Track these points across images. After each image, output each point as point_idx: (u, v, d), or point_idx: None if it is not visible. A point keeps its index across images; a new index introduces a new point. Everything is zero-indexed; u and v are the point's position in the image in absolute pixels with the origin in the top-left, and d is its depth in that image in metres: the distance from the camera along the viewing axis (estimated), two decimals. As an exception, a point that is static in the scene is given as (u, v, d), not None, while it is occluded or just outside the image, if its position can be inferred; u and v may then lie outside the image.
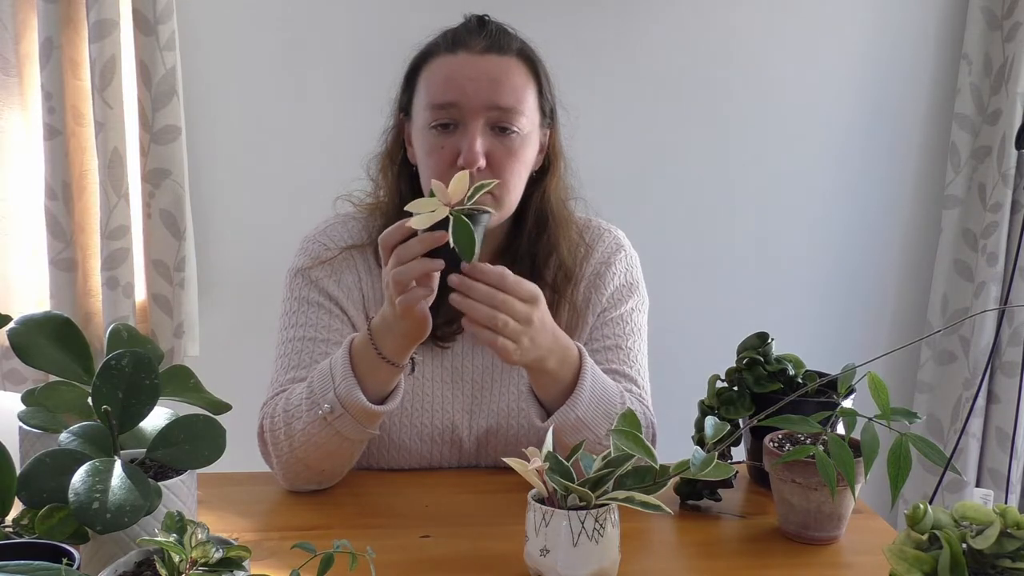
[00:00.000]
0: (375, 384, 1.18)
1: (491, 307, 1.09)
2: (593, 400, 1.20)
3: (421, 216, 1.05)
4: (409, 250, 1.08)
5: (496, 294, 1.09)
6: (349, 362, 1.18)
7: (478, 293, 1.08)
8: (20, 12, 2.02)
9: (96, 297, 2.11)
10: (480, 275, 1.08)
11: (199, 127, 2.14)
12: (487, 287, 1.09)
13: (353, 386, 1.16)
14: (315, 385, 1.20)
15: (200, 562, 0.78)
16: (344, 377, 1.17)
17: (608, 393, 1.23)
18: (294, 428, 1.21)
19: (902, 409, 0.99)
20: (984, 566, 0.82)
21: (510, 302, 1.10)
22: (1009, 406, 2.34)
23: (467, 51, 1.26)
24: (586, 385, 1.20)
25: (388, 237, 1.11)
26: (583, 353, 1.22)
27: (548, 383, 1.20)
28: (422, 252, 1.07)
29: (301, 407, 1.20)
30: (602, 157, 2.20)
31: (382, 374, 1.18)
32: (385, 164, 1.37)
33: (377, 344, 1.16)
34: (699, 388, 1.27)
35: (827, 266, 2.42)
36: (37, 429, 1.03)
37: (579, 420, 1.19)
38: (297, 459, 1.21)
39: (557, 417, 1.18)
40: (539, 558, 0.97)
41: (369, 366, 1.17)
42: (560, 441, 1.21)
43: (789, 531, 1.13)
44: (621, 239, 1.44)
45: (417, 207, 1.05)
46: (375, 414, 1.18)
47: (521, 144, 1.27)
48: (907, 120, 2.38)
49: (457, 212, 1.04)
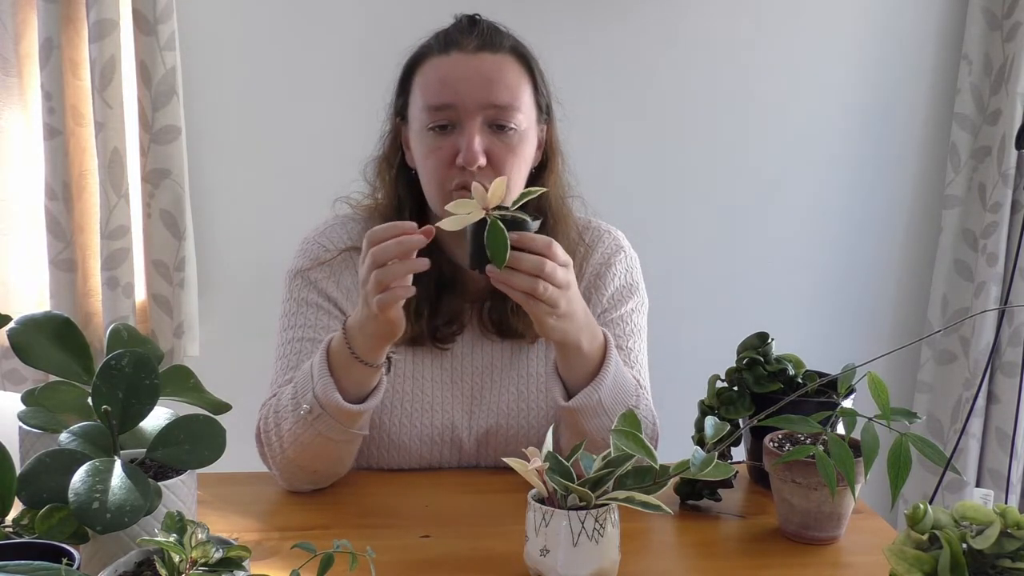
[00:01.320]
0: (353, 384, 1.18)
1: (535, 276, 1.08)
2: (615, 386, 1.22)
3: (452, 218, 1.04)
4: (386, 252, 1.08)
5: (544, 263, 1.08)
6: (326, 362, 1.18)
7: (526, 263, 1.07)
8: (20, 12, 2.02)
9: (96, 297, 2.11)
10: (529, 243, 1.07)
11: (199, 127, 2.14)
12: (536, 257, 1.08)
13: (329, 386, 1.17)
14: (298, 386, 1.21)
15: (200, 562, 0.78)
16: (321, 377, 1.17)
17: (627, 382, 1.25)
18: (282, 429, 1.21)
19: (902, 409, 0.99)
20: (984, 566, 0.82)
21: (553, 268, 1.09)
22: (1009, 406, 2.34)
23: (460, 51, 1.26)
24: (611, 369, 1.21)
25: (376, 234, 1.10)
26: (608, 338, 1.23)
27: (578, 363, 1.20)
28: (397, 255, 1.07)
29: (287, 408, 1.21)
30: (602, 157, 2.21)
31: (357, 374, 1.18)
32: (383, 168, 1.37)
33: (351, 344, 1.16)
34: (699, 388, 1.27)
35: (827, 266, 2.42)
36: (37, 429, 1.03)
37: (600, 403, 1.20)
38: (288, 460, 1.22)
39: (582, 397, 1.20)
40: (539, 558, 0.97)
41: (345, 366, 1.17)
42: (575, 425, 1.22)
43: (789, 531, 1.13)
44: (621, 240, 1.44)
45: (456, 208, 1.04)
46: (353, 413, 1.18)
47: (519, 140, 1.27)
48: (907, 120, 2.38)
49: (494, 216, 1.04)
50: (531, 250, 1.08)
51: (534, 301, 1.10)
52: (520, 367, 1.36)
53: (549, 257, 1.09)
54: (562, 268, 1.10)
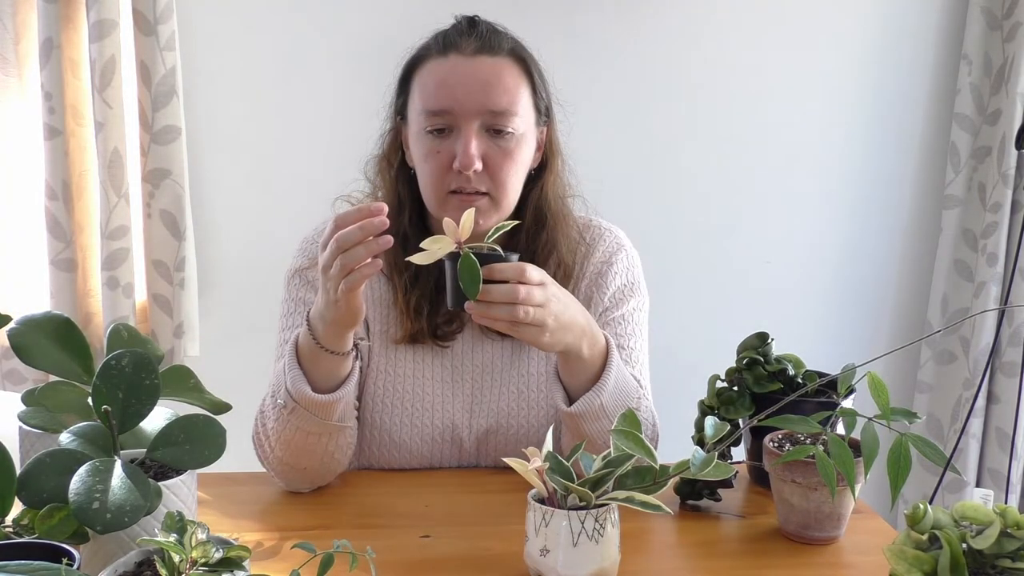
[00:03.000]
0: (323, 374, 1.19)
1: (511, 303, 1.08)
2: (616, 390, 1.22)
3: (424, 253, 1.04)
4: (349, 238, 1.07)
5: (517, 289, 1.07)
6: (295, 355, 1.19)
7: (498, 293, 1.07)
8: (20, 12, 2.02)
9: (96, 297, 2.11)
10: (499, 274, 1.07)
11: (199, 127, 2.14)
12: (507, 285, 1.07)
13: (299, 378, 1.17)
14: (275, 382, 1.22)
15: (200, 562, 0.78)
16: (291, 370, 1.18)
17: (628, 385, 1.25)
18: (268, 428, 1.22)
19: (902, 409, 0.99)
20: (984, 566, 0.82)
21: (529, 291, 1.09)
22: (1009, 406, 2.34)
23: (458, 54, 1.26)
24: (612, 373, 1.21)
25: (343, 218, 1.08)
26: (610, 342, 1.23)
27: (579, 368, 1.21)
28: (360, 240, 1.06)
29: (270, 406, 1.22)
30: (602, 156, 2.20)
31: (326, 363, 1.18)
32: (383, 167, 1.37)
33: (314, 334, 1.16)
34: (699, 388, 1.27)
35: (827, 266, 2.42)
36: (37, 429, 1.03)
37: (602, 408, 1.20)
38: (278, 458, 1.22)
39: (583, 402, 1.20)
40: (539, 558, 0.97)
41: (312, 357, 1.18)
42: (576, 429, 1.22)
43: (789, 531, 1.13)
44: (622, 239, 1.44)
45: (429, 244, 1.04)
46: (325, 404, 1.18)
47: (517, 145, 1.27)
48: (907, 120, 2.38)
49: (466, 250, 1.04)
50: (503, 280, 1.07)
51: (520, 327, 1.10)
52: (520, 367, 1.36)
53: (523, 282, 1.08)
54: (538, 288, 1.10)
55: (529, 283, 1.09)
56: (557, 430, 1.33)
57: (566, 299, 1.16)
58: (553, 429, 1.07)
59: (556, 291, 1.14)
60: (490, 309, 1.08)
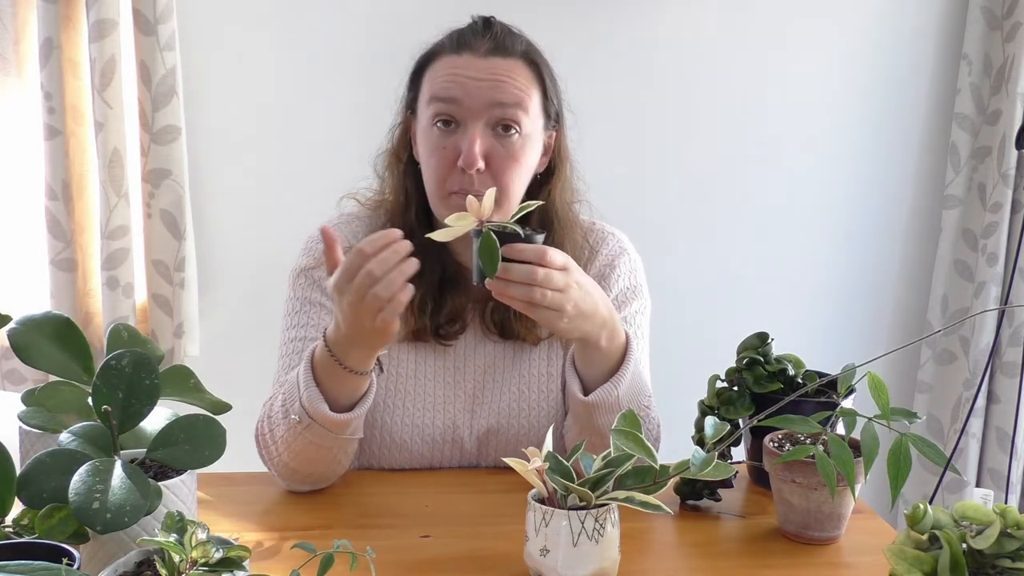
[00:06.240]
0: (344, 392, 1.18)
1: (529, 284, 1.08)
2: (632, 384, 1.22)
3: (445, 230, 1.04)
4: (384, 264, 1.06)
5: (536, 271, 1.07)
6: (311, 374, 1.17)
7: (516, 273, 1.07)
8: (20, 12, 2.02)
9: (96, 297, 2.11)
10: (519, 254, 1.07)
11: (199, 127, 2.13)
12: (526, 265, 1.07)
13: (316, 397, 1.16)
14: (287, 394, 1.20)
15: (200, 562, 0.78)
16: (307, 388, 1.17)
17: (643, 385, 1.26)
18: (276, 436, 1.21)
19: (902, 409, 0.99)
20: (984, 566, 0.82)
21: (548, 274, 1.08)
22: (1009, 406, 2.34)
23: (471, 53, 1.26)
24: (630, 367, 1.22)
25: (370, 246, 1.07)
26: (630, 338, 1.23)
27: (597, 359, 1.21)
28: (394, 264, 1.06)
29: (279, 415, 1.21)
30: (603, 159, 2.20)
31: (350, 383, 1.17)
32: (392, 161, 1.37)
33: (338, 358, 1.15)
34: (699, 388, 1.27)
35: (827, 266, 2.42)
36: (37, 429, 1.03)
37: (617, 401, 1.20)
38: (283, 463, 1.22)
39: (601, 392, 1.20)
40: (539, 558, 0.97)
41: (334, 378, 1.16)
42: (588, 420, 1.22)
43: (789, 531, 1.13)
44: (624, 243, 1.44)
45: (453, 221, 1.04)
46: (342, 422, 1.17)
47: (522, 147, 1.27)
48: (907, 120, 2.38)
49: (487, 228, 1.04)
50: (522, 260, 1.07)
51: (537, 308, 1.10)
52: (522, 368, 1.36)
53: (544, 264, 1.08)
54: (559, 272, 1.10)
55: (551, 266, 1.09)
56: (557, 430, 1.33)
57: (590, 287, 1.16)
58: (553, 429, 1.06)
59: (580, 278, 1.14)
60: (508, 288, 1.08)
